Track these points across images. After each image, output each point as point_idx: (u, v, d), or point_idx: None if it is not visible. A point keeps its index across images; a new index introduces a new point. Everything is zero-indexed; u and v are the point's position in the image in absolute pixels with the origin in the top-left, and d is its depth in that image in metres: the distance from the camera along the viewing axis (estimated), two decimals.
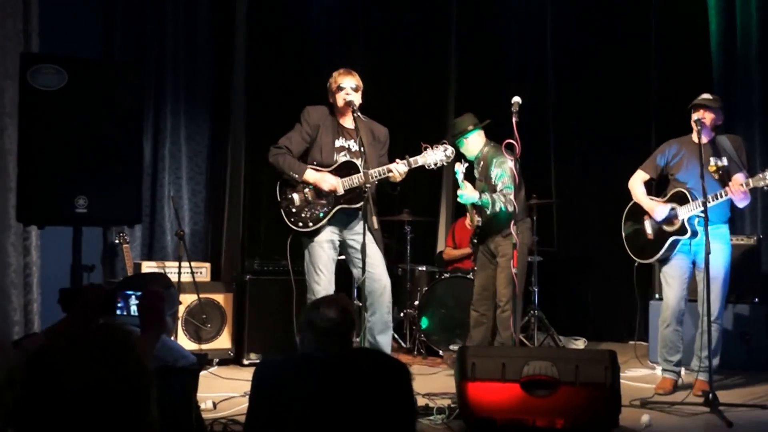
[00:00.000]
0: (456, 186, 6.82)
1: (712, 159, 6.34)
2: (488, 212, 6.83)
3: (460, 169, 6.73)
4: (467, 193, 6.70)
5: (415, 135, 6.77)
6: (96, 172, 4.44)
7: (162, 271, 7.22)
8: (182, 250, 7.20)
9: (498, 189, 6.82)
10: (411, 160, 6.14)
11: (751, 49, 8.62)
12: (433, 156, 6.18)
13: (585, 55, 9.63)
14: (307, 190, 6.17)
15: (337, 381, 2.13)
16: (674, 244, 6.47)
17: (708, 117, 6.35)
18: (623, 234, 6.83)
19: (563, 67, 9.74)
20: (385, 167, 6.09)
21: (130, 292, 3.44)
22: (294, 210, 6.19)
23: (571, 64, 9.71)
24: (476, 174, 7.07)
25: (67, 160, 4.39)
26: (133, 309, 3.43)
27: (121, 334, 1.97)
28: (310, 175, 6.14)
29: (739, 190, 6.15)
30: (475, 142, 7.08)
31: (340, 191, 6.13)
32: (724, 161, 6.40)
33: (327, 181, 6.12)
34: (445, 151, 6.20)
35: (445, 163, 6.28)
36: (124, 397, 1.86)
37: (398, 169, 6.08)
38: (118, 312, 3.43)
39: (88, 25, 7.90)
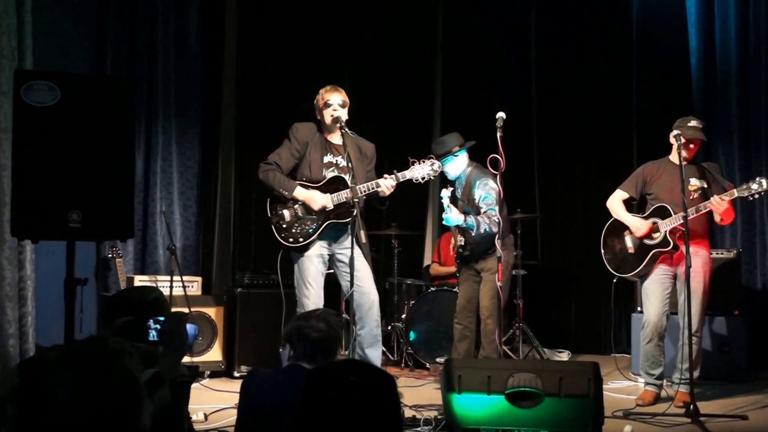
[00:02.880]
0: (441, 209, 6.90)
1: (692, 179, 6.45)
2: (473, 234, 6.91)
3: (446, 193, 6.81)
4: (452, 216, 6.78)
5: (401, 150, 6.89)
6: (89, 187, 4.51)
7: (154, 284, 7.29)
8: (174, 264, 7.28)
9: (483, 211, 6.86)
10: (399, 174, 6.23)
11: (730, 67, 8.71)
12: (420, 170, 6.26)
13: (568, 71, 9.71)
14: (297, 206, 6.25)
15: (324, 391, 2.17)
16: (656, 257, 6.56)
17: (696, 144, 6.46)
18: (602, 251, 6.89)
19: (546, 83, 9.83)
20: (373, 182, 6.17)
21: (153, 319, 3.55)
22: (285, 226, 6.27)
23: (554, 80, 9.80)
24: (458, 194, 7.11)
25: (61, 175, 4.45)
26: (153, 334, 3.53)
27: (113, 345, 2.02)
28: (300, 192, 6.22)
29: (720, 203, 6.23)
30: (460, 163, 7.07)
31: (330, 206, 6.21)
32: (704, 183, 6.51)
33: (316, 201, 6.19)
34: (432, 165, 6.28)
35: (431, 177, 6.36)
36: (115, 408, 1.90)
37: (386, 183, 6.17)
38: (150, 337, 3.53)
39: (80, 42, 8.00)
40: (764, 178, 6.15)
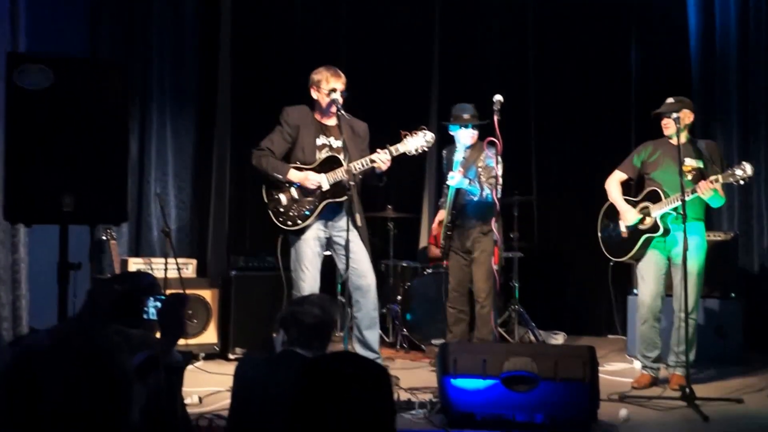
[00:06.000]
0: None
1: (687, 159, 6.42)
2: (475, 198, 6.94)
3: (460, 153, 6.93)
4: (458, 177, 6.82)
5: (398, 131, 6.84)
6: (82, 171, 4.51)
7: (148, 267, 7.28)
8: (168, 247, 7.25)
9: (485, 178, 6.95)
10: (392, 148, 6.19)
11: (730, 48, 8.66)
12: (414, 142, 6.23)
13: (565, 53, 9.64)
14: (292, 189, 6.24)
15: (318, 381, 2.17)
16: (647, 241, 6.53)
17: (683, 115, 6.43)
18: (599, 234, 6.90)
19: (544, 65, 9.75)
20: (368, 158, 6.16)
21: (150, 297, 3.55)
22: (282, 210, 6.25)
23: (552, 61, 9.73)
24: (460, 160, 7.09)
25: (54, 158, 4.45)
26: (152, 312, 3.54)
27: (104, 339, 2.01)
28: (294, 174, 6.20)
29: (707, 186, 6.20)
30: (477, 133, 7.17)
31: (326, 187, 6.20)
32: (700, 164, 6.48)
33: (311, 180, 6.18)
34: (424, 136, 6.24)
35: (426, 149, 6.31)
36: (104, 403, 1.88)
37: (380, 158, 6.14)
38: (145, 316, 3.53)
39: (74, 23, 7.94)
40: (749, 164, 6.14)
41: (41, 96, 4.41)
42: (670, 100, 6.53)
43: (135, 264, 7.40)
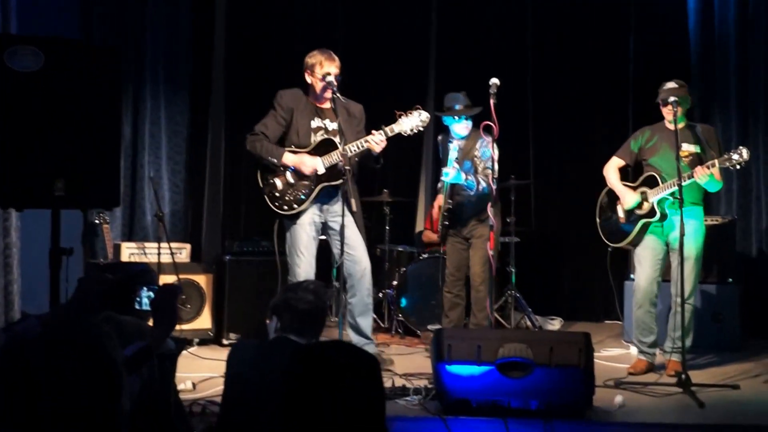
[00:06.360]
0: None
1: (685, 144, 6.38)
2: (472, 193, 6.89)
3: (458, 146, 6.85)
4: (453, 173, 6.77)
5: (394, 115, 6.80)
6: (74, 155, 4.47)
7: (141, 251, 7.24)
8: (162, 231, 7.21)
9: (480, 168, 6.90)
10: (387, 129, 6.17)
11: (729, 32, 8.62)
12: (409, 122, 6.20)
13: (564, 37, 9.58)
14: (288, 173, 6.20)
15: (311, 368, 2.17)
16: (644, 227, 6.50)
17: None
18: (597, 220, 6.87)
19: (542, 49, 9.69)
20: (362, 140, 6.13)
21: (143, 286, 3.53)
22: (277, 194, 6.21)
23: (550, 45, 9.66)
24: (457, 154, 7.04)
25: (45, 142, 4.41)
26: (145, 302, 3.51)
27: (93, 328, 1.99)
28: (289, 158, 6.16)
29: (703, 171, 6.16)
30: (471, 122, 7.13)
31: (321, 170, 6.16)
32: (698, 149, 6.44)
33: (306, 164, 6.14)
34: (419, 116, 6.21)
35: (421, 128, 6.30)
36: (93, 392, 1.89)
37: (375, 139, 6.12)
38: (137, 306, 3.51)
39: (66, 7, 7.88)
40: (745, 148, 6.13)
41: (32, 78, 4.36)
42: (670, 84, 6.47)
43: (128, 248, 7.35)
